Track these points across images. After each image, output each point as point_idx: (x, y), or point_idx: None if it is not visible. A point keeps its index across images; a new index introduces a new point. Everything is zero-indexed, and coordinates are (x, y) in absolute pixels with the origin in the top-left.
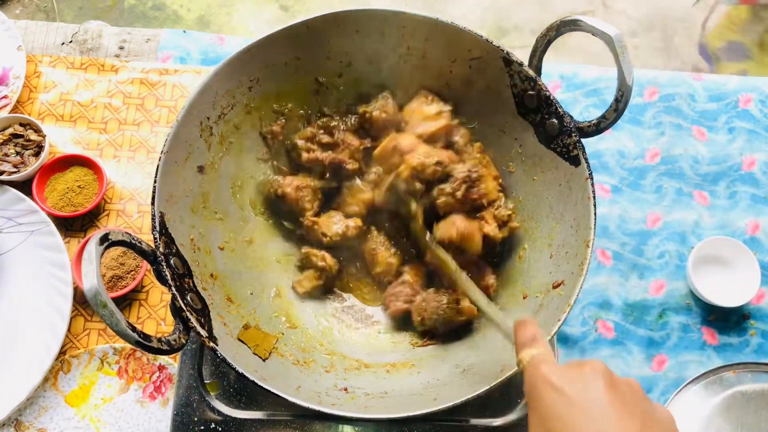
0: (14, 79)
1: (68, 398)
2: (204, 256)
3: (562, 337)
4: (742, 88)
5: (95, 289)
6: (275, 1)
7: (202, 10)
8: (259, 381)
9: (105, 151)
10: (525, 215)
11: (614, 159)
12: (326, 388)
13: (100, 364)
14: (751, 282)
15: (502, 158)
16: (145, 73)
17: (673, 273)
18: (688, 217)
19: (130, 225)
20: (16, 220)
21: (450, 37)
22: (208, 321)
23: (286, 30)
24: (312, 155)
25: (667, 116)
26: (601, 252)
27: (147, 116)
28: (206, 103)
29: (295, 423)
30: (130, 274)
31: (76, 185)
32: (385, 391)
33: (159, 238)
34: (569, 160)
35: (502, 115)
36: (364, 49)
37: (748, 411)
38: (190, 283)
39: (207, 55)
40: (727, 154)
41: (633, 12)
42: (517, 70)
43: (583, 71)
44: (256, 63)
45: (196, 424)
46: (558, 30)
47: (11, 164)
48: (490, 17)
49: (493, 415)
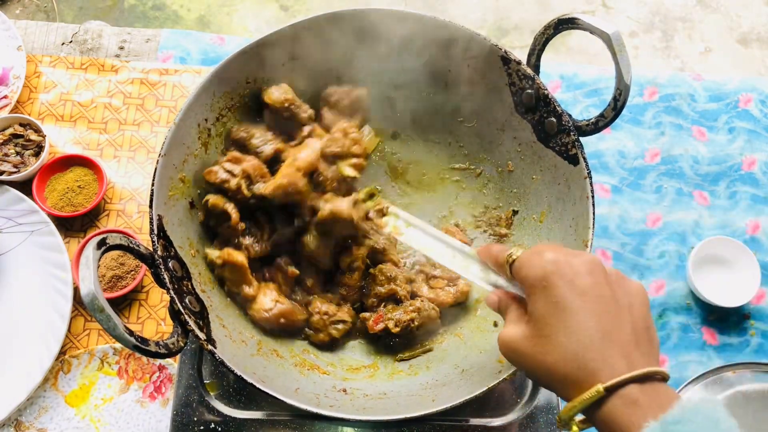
0: (14, 79)
1: (68, 398)
2: (203, 259)
3: None
4: (742, 88)
5: (92, 294)
6: (275, 1)
7: (202, 10)
8: (257, 383)
9: (105, 151)
10: (524, 214)
11: (614, 159)
12: (325, 390)
13: (100, 365)
14: (751, 282)
15: (501, 157)
16: (145, 73)
17: (673, 273)
18: (688, 217)
19: (130, 225)
20: (16, 220)
21: (449, 36)
22: (207, 324)
23: (286, 30)
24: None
25: (667, 116)
26: (602, 252)
27: (147, 116)
28: (204, 105)
29: (294, 423)
30: (130, 274)
31: (76, 185)
32: (383, 392)
33: (157, 241)
34: (568, 159)
35: (500, 113)
36: (363, 49)
37: (748, 411)
38: (189, 285)
39: (207, 55)
40: (727, 154)
41: (633, 12)
42: (516, 68)
43: (583, 71)
44: (254, 64)
45: (195, 424)
46: (556, 28)
47: (11, 164)
48: (490, 17)
49: (493, 415)
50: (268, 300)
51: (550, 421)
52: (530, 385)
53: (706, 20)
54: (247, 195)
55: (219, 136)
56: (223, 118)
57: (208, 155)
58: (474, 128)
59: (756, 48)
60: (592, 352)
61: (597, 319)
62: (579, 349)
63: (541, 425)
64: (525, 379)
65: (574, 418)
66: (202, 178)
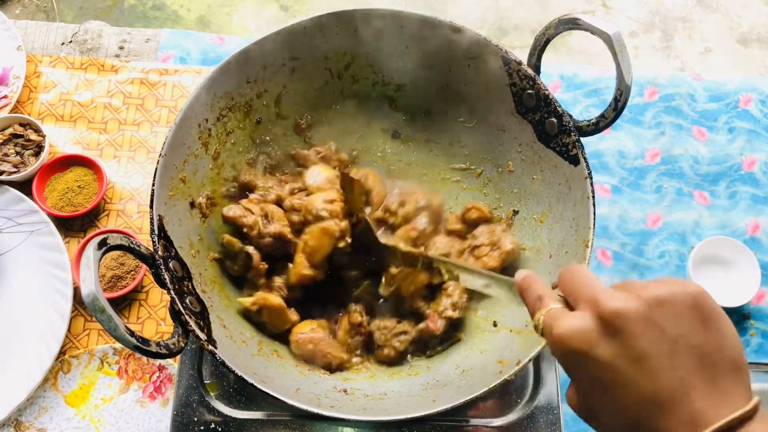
0: (14, 79)
1: (68, 398)
2: (203, 259)
3: None
4: (742, 88)
5: (93, 294)
6: (275, 1)
7: (202, 10)
8: (258, 384)
9: (105, 151)
10: (524, 214)
11: (614, 159)
12: (326, 390)
13: (100, 365)
14: (751, 282)
15: (501, 157)
16: (145, 73)
17: (674, 273)
18: (688, 217)
19: (130, 225)
20: (16, 220)
21: (449, 36)
22: (208, 324)
23: (285, 30)
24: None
25: (667, 116)
26: (602, 252)
27: (147, 116)
28: (204, 106)
29: (294, 423)
30: (130, 274)
31: (76, 185)
32: (384, 392)
33: (158, 241)
34: (568, 159)
35: (501, 114)
36: (363, 49)
37: None
38: (189, 286)
39: (207, 55)
40: (727, 154)
41: (633, 12)
42: (516, 69)
43: (583, 71)
44: (254, 64)
45: (195, 424)
46: (557, 28)
47: (11, 164)
48: (490, 17)
49: (493, 415)
50: (307, 325)
51: (550, 421)
52: (531, 385)
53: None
54: (264, 233)
55: (219, 136)
56: (223, 118)
57: (208, 155)
58: (474, 128)
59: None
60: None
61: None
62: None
63: (542, 425)
64: (525, 379)
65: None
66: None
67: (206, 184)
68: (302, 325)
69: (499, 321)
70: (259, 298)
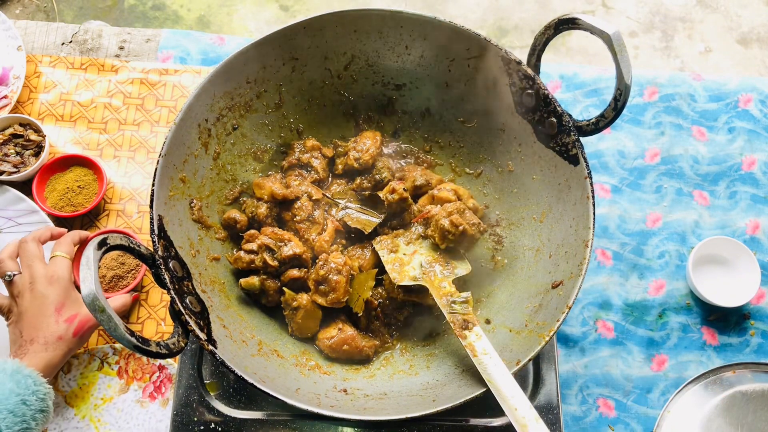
0: (14, 79)
1: (68, 398)
2: (203, 259)
3: (562, 336)
4: (742, 88)
5: (93, 294)
6: (275, 1)
7: (202, 10)
8: (258, 383)
9: (105, 151)
10: (524, 214)
11: (614, 159)
12: (326, 390)
13: (100, 365)
14: (751, 282)
15: (501, 157)
16: (145, 73)
17: (673, 273)
18: (688, 217)
19: (130, 225)
20: (16, 220)
21: (448, 36)
22: (208, 324)
23: (285, 30)
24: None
25: (667, 116)
26: (601, 252)
27: (147, 116)
28: (204, 106)
29: (294, 423)
30: (131, 274)
31: (76, 185)
32: (384, 392)
33: (158, 241)
34: (568, 159)
35: (501, 113)
36: (363, 49)
37: (747, 411)
38: (189, 285)
39: (207, 55)
40: (727, 154)
41: (633, 12)
42: (516, 68)
43: (583, 71)
44: (254, 64)
45: (195, 424)
46: (556, 28)
47: (11, 164)
48: (490, 17)
49: (493, 415)
50: (333, 329)
51: (550, 421)
52: (530, 385)
53: (706, 20)
54: (275, 266)
55: (219, 137)
56: (223, 118)
57: (208, 155)
58: (474, 128)
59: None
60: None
61: None
62: None
63: None
64: (525, 379)
65: None
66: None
67: (206, 184)
68: (328, 329)
69: (491, 319)
70: (308, 302)
